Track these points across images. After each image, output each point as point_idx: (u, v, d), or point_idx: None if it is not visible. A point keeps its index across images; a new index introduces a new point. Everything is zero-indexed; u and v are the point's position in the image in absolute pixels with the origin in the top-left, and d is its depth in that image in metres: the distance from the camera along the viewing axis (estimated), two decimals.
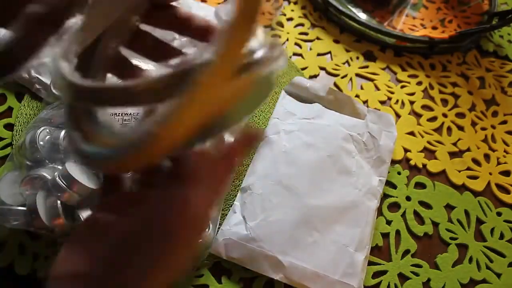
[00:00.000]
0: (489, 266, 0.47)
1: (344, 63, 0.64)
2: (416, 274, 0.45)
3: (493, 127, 0.60)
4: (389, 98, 0.60)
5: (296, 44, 0.65)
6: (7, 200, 0.39)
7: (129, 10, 0.24)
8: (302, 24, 0.68)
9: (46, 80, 0.50)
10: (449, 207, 0.51)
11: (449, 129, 0.58)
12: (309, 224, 0.43)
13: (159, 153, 0.18)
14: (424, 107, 0.60)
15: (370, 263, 0.45)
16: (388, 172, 0.50)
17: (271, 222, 0.43)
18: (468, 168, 0.55)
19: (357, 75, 0.62)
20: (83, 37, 0.22)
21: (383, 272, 0.45)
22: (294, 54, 0.63)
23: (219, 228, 0.44)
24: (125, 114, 0.41)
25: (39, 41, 0.20)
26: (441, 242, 0.48)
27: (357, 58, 0.64)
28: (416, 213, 0.50)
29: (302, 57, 0.63)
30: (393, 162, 0.53)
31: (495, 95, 0.63)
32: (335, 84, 0.61)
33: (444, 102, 0.61)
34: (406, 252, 0.47)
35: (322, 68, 0.62)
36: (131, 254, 0.21)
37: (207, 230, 0.41)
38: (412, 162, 0.54)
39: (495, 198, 0.53)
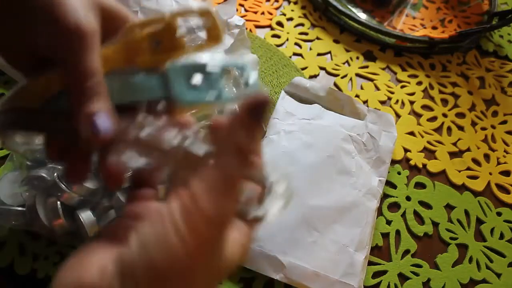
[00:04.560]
0: (489, 266, 0.47)
1: (344, 63, 0.64)
2: (416, 274, 0.45)
3: (493, 127, 0.60)
4: (389, 98, 0.60)
5: (296, 44, 0.65)
6: (7, 200, 0.39)
7: None
8: (302, 24, 0.68)
9: None
10: (449, 207, 0.51)
11: (449, 129, 0.58)
12: (309, 224, 0.43)
13: None
14: (424, 107, 0.60)
15: (370, 263, 0.45)
16: (388, 172, 0.50)
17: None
18: (468, 168, 0.55)
19: (357, 75, 0.63)
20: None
21: (383, 272, 0.45)
22: (294, 54, 0.63)
23: None
24: None
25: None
26: (441, 242, 0.48)
27: (357, 58, 0.64)
28: (416, 213, 0.50)
29: (302, 57, 0.63)
30: (393, 162, 0.53)
31: (495, 95, 0.63)
32: (335, 84, 0.61)
33: (444, 102, 0.61)
34: (406, 252, 0.47)
35: (322, 68, 0.62)
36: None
37: None
38: (412, 162, 0.54)
39: (495, 198, 0.53)
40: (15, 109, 0.23)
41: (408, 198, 0.50)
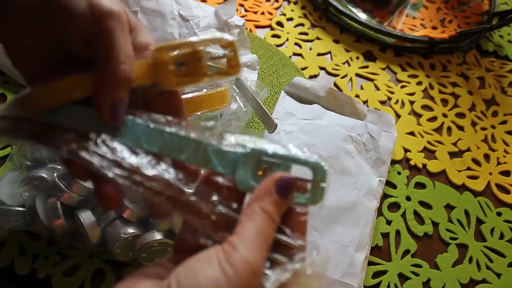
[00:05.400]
0: (489, 266, 0.47)
1: (344, 63, 0.64)
2: (416, 274, 0.45)
3: (493, 127, 0.60)
4: (389, 98, 0.60)
5: (296, 44, 0.65)
6: (7, 200, 0.39)
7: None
8: (302, 24, 0.68)
9: None
10: (449, 207, 0.51)
11: (449, 129, 0.58)
12: (309, 224, 0.43)
13: None
14: (424, 107, 0.60)
15: (370, 263, 0.45)
16: (388, 172, 0.50)
17: None
18: (468, 168, 0.55)
19: (357, 75, 0.62)
20: None
21: (383, 272, 0.45)
22: (294, 54, 0.63)
23: None
24: None
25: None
26: (441, 242, 0.48)
27: (357, 58, 0.64)
28: (416, 213, 0.50)
29: (302, 57, 0.63)
30: (393, 162, 0.53)
31: (495, 95, 0.63)
32: (335, 84, 0.61)
33: (444, 102, 0.61)
34: (406, 252, 0.47)
35: (322, 68, 0.62)
36: None
37: None
38: (412, 162, 0.54)
39: (495, 198, 0.53)
40: (14, 118, 0.23)
41: (408, 198, 0.50)
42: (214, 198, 0.22)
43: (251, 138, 0.23)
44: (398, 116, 0.58)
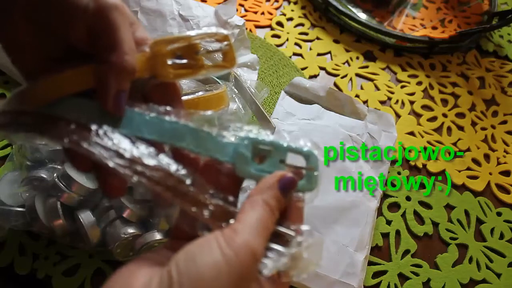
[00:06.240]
0: (489, 266, 0.47)
1: (344, 63, 0.64)
2: (416, 274, 0.45)
3: (493, 127, 0.60)
4: (389, 98, 0.60)
5: (296, 44, 0.65)
6: (7, 200, 0.39)
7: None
8: (302, 24, 0.68)
9: None
10: (449, 207, 0.51)
11: (449, 129, 0.58)
12: (309, 224, 0.43)
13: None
14: (424, 107, 0.60)
15: (370, 263, 0.45)
16: (388, 172, 0.50)
17: None
18: (468, 168, 0.55)
19: (357, 75, 0.62)
20: None
21: (383, 272, 0.45)
22: (294, 54, 0.63)
23: None
24: None
25: None
26: (441, 242, 0.48)
27: (357, 58, 0.64)
28: (416, 213, 0.50)
29: (302, 57, 0.63)
30: (393, 162, 0.53)
31: (495, 95, 0.64)
32: (335, 84, 0.61)
33: (444, 102, 0.61)
34: (406, 252, 0.47)
35: (322, 68, 0.62)
36: None
37: None
38: (412, 162, 0.54)
39: (495, 198, 0.53)
40: (15, 111, 0.23)
41: (408, 198, 0.50)
42: (212, 191, 0.22)
43: (249, 128, 0.24)
44: (398, 116, 0.58)
